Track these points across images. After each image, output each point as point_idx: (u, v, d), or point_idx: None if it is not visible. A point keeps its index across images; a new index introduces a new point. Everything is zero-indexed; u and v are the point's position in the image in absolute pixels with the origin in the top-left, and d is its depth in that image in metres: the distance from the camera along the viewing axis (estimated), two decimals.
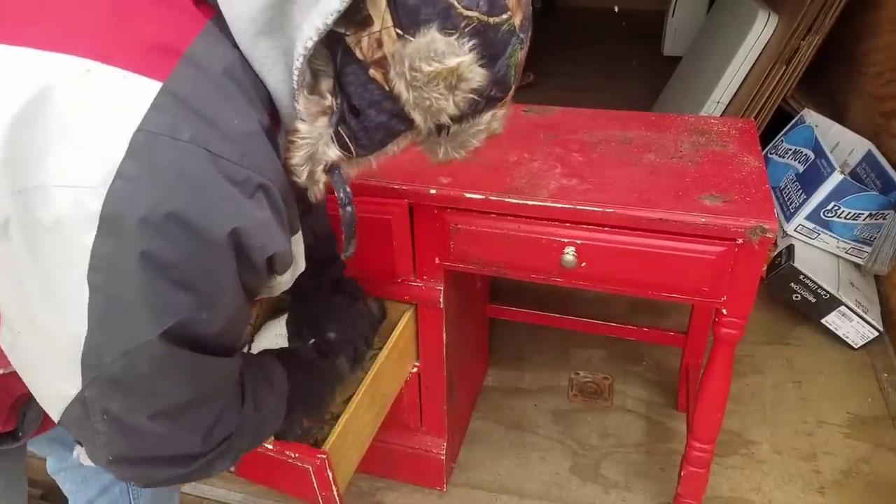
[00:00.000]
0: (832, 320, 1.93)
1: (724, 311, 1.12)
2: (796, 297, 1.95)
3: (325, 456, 1.01)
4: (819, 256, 2.03)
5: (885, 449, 1.63)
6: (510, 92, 0.70)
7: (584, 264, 1.12)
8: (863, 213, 1.97)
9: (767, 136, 2.33)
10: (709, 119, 1.41)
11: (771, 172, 2.12)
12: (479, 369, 1.84)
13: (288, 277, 0.73)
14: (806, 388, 1.81)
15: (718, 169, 1.18)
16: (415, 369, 1.38)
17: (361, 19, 0.60)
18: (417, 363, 1.38)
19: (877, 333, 1.90)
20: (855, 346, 1.92)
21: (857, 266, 2.05)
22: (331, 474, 1.02)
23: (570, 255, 1.11)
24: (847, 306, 1.89)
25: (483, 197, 1.13)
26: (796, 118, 2.33)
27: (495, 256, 1.18)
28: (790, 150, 2.24)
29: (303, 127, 0.67)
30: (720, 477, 1.56)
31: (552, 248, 1.13)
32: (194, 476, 0.74)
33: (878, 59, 2.19)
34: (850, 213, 1.98)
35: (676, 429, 1.69)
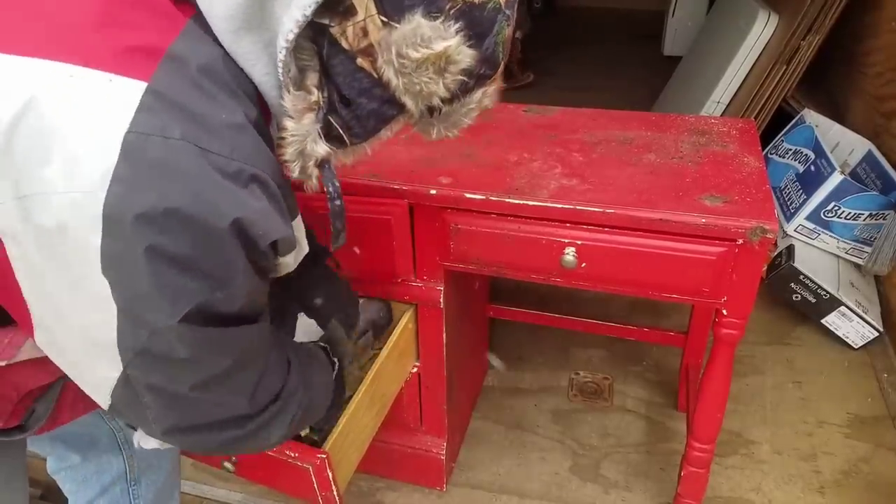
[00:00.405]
0: (832, 320, 1.93)
1: (725, 312, 1.12)
2: (796, 297, 1.95)
3: (325, 456, 1.01)
4: (819, 257, 2.03)
5: (885, 449, 1.63)
6: (499, 68, 0.70)
7: (584, 265, 1.12)
8: (863, 214, 1.97)
9: (767, 136, 2.33)
10: (709, 119, 1.41)
11: (771, 172, 2.12)
12: (479, 369, 1.84)
13: (291, 259, 0.74)
14: (806, 388, 1.81)
15: (719, 169, 1.18)
16: (415, 369, 1.38)
17: (345, 9, 0.61)
18: (417, 363, 1.38)
19: (877, 333, 1.90)
20: (855, 347, 1.92)
21: (857, 266, 2.05)
22: (331, 474, 1.02)
23: (570, 255, 1.11)
24: (847, 306, 1.89)
25: (483, 197, 1.13)
26: (796, 118, 2.33)
27: (495, 256, 1.18)
28: (790, 150, 2.24)
29: (290, 124, 0.67)
30: (720, 477, 1.56)
31: (552, 248, 1.13)
32: (252, 440, 0.76)
33: (878, 59, 2.19)
34: (850, 213, 1.98)
35: (676, 429, 1.69)
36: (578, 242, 1.11)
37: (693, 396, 1.39)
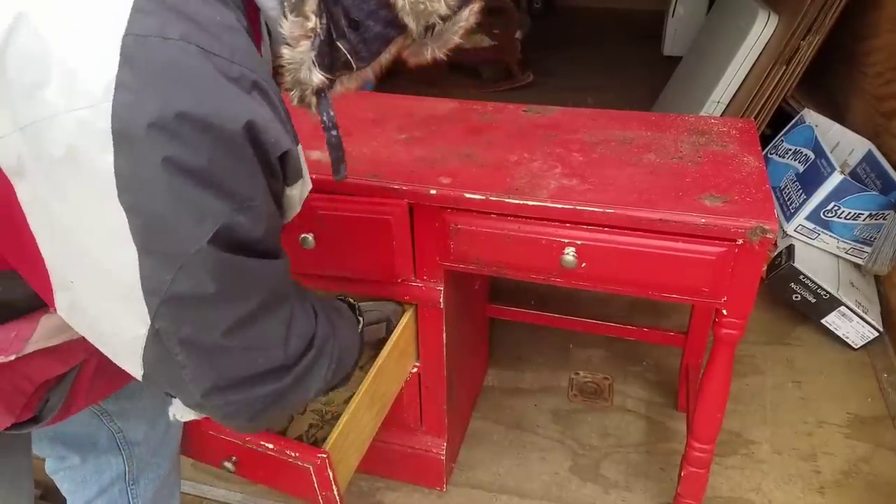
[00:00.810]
0: (832, 320, 1.93)
1: (725, 312, 1.12)
2: (796, 297, 1.95)
3: (325, 455, 1.01)
4: (819, 256, 2.03)
5: (885, 449, 1.63)
6: None
7: (584, 265, 1.12)
8: (863, 214, 1.97)
9: (767, 136, 2.33)
10: (709, 119, 1.41)
11: (771, 172, 2.12)
12: (479, 369, 1.84)
13: (297, 193, 0.73)
14: (806, 388, 1.81)
15: (718, 169, 1.18)
16: (415, 369, 1.38)
17: None
18: (417, 363, 1.38)
19: (877, 333, 1.90)
20: (855, 346, 1.92)
21: (857, 266, 2.06)
22: (331, 474, 1.02)
23: (570, 255, 1.11)
24: (847, 306, 1.89)
25: (483, 197, 1.13)
26: (796, 118, 2.33)
27: (495, 256, 1.18)
28: (790, 150, 2.24)
29: (286, 52, 0.68)
30: (720, 477, 1.56)
31: (552, 248, 1.13)
32: (291, 394, 0.74)
33: (879, 59, 2.19)
34: (850, 213, 1.98)
35: (676, 429, 1.69)
36: (578, 242, 1.11)
37: (693, 396, 1.39)
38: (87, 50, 0.54)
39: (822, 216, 2.01)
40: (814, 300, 1.93)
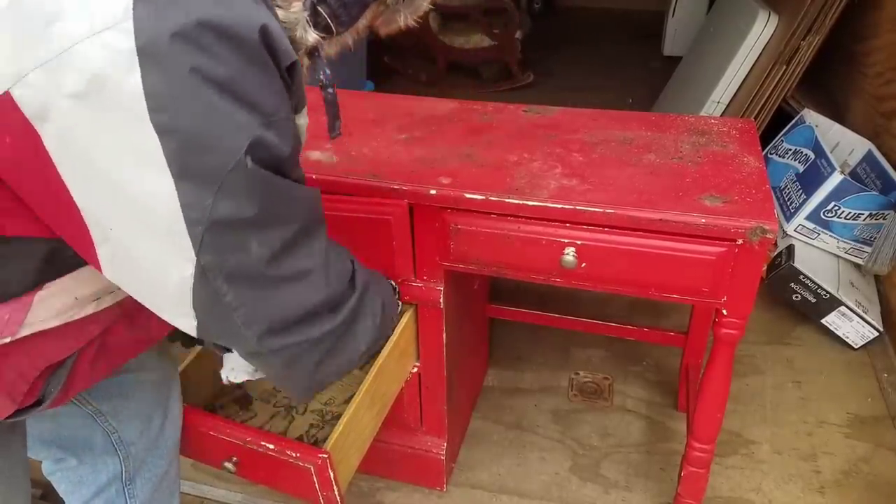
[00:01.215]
0: (832, 320, 1.93)
1: (724, 312, 1.12)
2: (796, 297, 1.95)
3: (326, 455, 1.01)
4: (819, 256, 2.04)
5: (885, 449, 1.63)
6: None
7: (584, 265, 1.12)
8: (863, 214, 1.97)
9: (767, 136, 2.33)
10: (709, 119, 1.41)
11: (771, 172, 2.12)
12: (479, 369, 1.84)
13: (304, 122, 0.74)
14: (806, 388, 1.81)
15: (718, 169, 1.18)
16: (415, 369, 1.38)
17: None
18: (417, 363, 1.38)
19: (877, 333, 1.90)
20: (855, 346, 1.92)
21: (857, 266, 2.06)
22: (332, 474, 1.02)
23: (570, 255, 1.11)
24: (847, 306, 1.89)
25: (483, 197, 1.13)
26: (796, 118, 2.33)
27: (495, 257, 1.18)
28: (790, 150, 2.24)
29: (280, 13, 0.69)
30: (720, 477, 1.56)
31: (552, 248, 1.13)
32: (346, 339, 0.77)
33: (878, 59, 2.19)
34: (850, 213, 1.98)
35: (676, 429, 1.69)
36: (578, 242, 1.11)
37: (693, 396, 1.39)
38: None
39: (822, 216, 2.01)
40: (814, 300, 1.93)
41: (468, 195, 1.13)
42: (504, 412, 1.76)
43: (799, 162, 2.17)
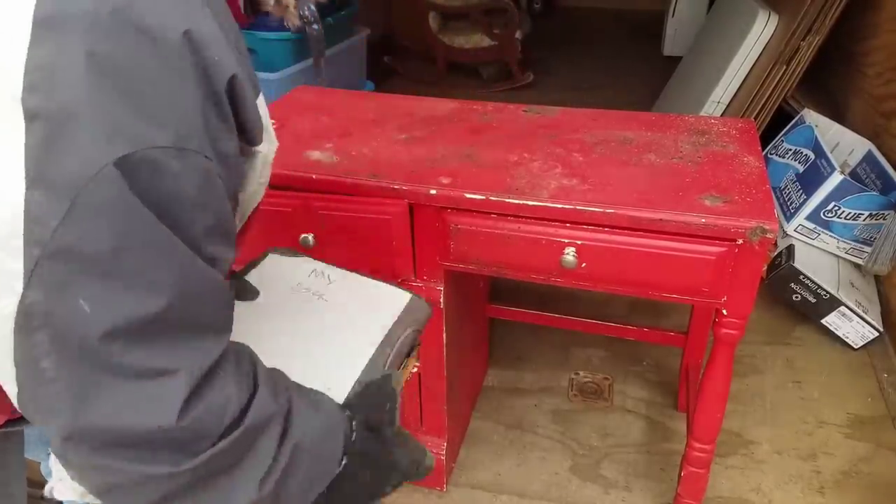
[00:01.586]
0: (832, 320, 1.93)
1: (725, 312, 1.12)
2: (796, 297, 1.95)
3: None
4: (819, 257, 2.04)
5: (885, 449, 1.63)
6: None
7: (584, 265, 1.12)
8: (863, 214, 1.97)
9: (767, 136, 2.33)
10: (709, 119, 1.41)
11: (771, 172, 2.12)
12: (479, 369, 1.84)
13: (265, 150, 0.64)
14: (806, 388, 1.81)
15: (718, 169, 1.18)
16: (415, 369, 1.38)
17: None
18: (417, 363, 1.38)
19: (877, 333, 1.90)
20: (855, 347, 1.92)
21: (857, 266, 2.06)
22: None
23: (570, 255, 1.11)
24: (847, 306, 1.89)
25: (483, 197, 1.13)
26: (796, 118, 2.33)
27: (495, 256, 1.18)
28: (790, 150, 2.24)
29: None
30: (720, 477, 1.56)
31: (552, 248, 1.13)
32: (196, 488, 0.55)
33: (878, 59, 2.19)
34: (850, 213, 1.98)
35: (676, 429, 1.69)
36: (578, 242, 1.11)
37: (693, 396, 1.39)
38: None
39: (823, 216, 2.01)
40: (814, 300, 1.93)
41: (468, 195, 1.13)
42: (504, 412, 1.76)
43: (799, 162, 2.17)
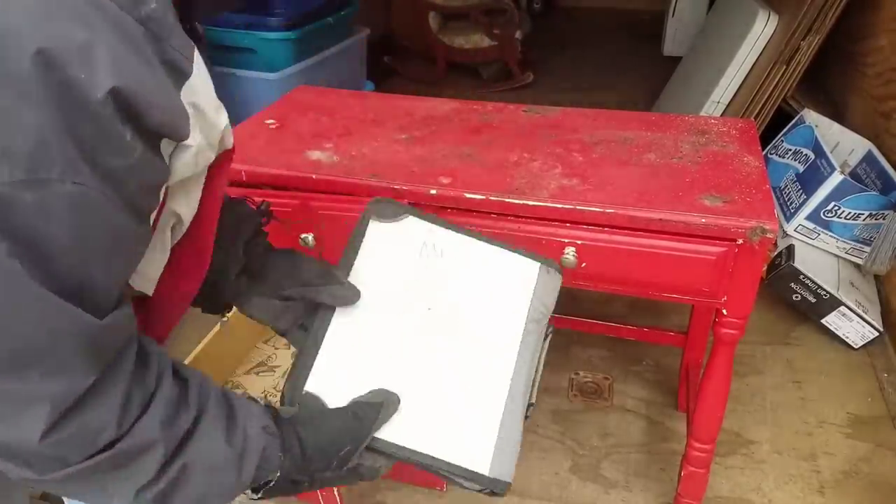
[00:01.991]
0: (832, 320, 1.93)
1: (724, 312, 1.12)
2: (796, 297, 1.95)
3: None
4: (819, 256, 2.04)
5: (885, 449, 1.63)
6: None
7: (584, 264, 1.12)
8: (863, 213, 1.97)
9: (767, 136, 2.33)
10: (709, 119, 1.41)
11: (771, 172, 2.12)
12: None
13: (196, 142, 0.57)
14: (806, 388, 1.81)
15: (718, 169, 1.18)
16: None
17: None
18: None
19: (877, 333, 1.90)
20: (855, 346, 1.92)
21: (857, 266, 2.06)
22: None
23: (570, 255, 1.11)
24: (847, 306, 1.89)
25: (483, 197, 1.13)
26: (796, 118, 2.33)
27: None
28: (790, 150, 2.24)
29: None
30: (720, 477, 1.56)
31: (552, 248, 1.13)
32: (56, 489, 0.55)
33: (878, 59, 2.19)
34: (850, 213, 1.98)
35: (676, 429, 1.69)
36: (578, 242, 1.11)
37: (693, 396, 1.39)
38: None
39: (822, 216, 2.01)
40: (814, 300, 1.93)
41: (468, 195, 1.13)
42: None
43: (799, 162, 2.17)
